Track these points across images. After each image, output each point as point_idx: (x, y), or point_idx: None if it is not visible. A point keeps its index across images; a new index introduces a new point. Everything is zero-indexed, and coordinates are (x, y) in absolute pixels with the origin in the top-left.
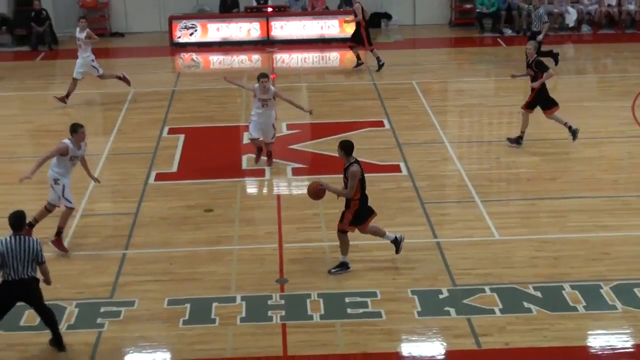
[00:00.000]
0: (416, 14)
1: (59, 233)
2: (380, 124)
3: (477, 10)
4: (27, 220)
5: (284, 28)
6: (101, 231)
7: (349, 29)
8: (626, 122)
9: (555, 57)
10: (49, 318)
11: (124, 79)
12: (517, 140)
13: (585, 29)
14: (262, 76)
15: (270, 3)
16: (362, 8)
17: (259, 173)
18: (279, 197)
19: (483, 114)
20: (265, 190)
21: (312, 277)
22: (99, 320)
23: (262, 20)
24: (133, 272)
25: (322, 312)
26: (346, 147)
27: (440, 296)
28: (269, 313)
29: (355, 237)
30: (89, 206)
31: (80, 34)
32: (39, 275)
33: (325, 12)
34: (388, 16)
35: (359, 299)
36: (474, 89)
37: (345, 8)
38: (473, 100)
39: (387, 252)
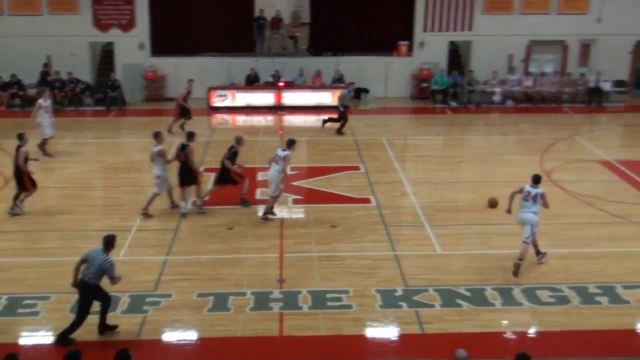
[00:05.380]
0: (387, 89)
1: None
2: (357, 168)
3: (432, 87)
4: None
5: (291, 97)
6: (150, 242)
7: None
8: (536, 170)
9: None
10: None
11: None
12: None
13: (509, 103)
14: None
15: (282, 79)
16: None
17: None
18: (282, 219)
19: (432, 163)
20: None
21: (303, 278)
22: (144, 307)
23: (276, 92)
24: (171, 272)
25: (310, 304)
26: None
27: (396, 294)
28: (270, 304)
29: (335, 249)
30: (142, 223)
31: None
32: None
33: (322, 87)
34: (366, 90)
35: (336, 295)
36: (427, 144)
37: (336, 84)
38: (426, 152)
39: (359, 261)
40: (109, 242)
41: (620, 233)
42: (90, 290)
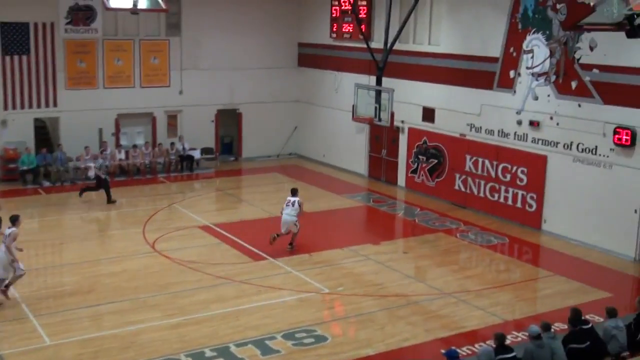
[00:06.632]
0: None
1: None
2: None
3: (20, 168)
4: None
5: None
6: None
7: None
8: (140, 243)
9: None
10: None
11: None
12: None
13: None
14: None
15: None
16: None
17: None
18: None
19: (31, 248)
20: None
21: None
22: None
23: None
24: None
25: None
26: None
27: None
28: None
29: None
30: None
31: None
32: None
33: None
34: None
35: None
36: (21, 229)
37: None
38: (21, 238)
39: None
40: None
41: (227, 293)
42: None
